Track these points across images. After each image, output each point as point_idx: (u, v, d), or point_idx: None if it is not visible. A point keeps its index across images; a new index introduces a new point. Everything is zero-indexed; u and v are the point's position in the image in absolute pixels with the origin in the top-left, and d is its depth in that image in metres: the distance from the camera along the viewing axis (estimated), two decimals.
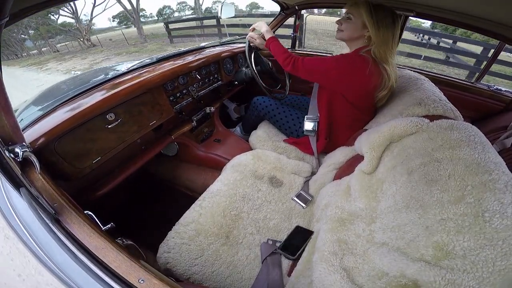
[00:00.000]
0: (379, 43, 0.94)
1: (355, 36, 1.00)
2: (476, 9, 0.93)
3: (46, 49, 17.16)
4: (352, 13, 0.97)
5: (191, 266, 0.79)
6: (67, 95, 0.93)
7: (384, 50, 0.95)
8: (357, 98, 1.05)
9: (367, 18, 0.93)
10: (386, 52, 0.95)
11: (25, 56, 17.07)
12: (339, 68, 0.98)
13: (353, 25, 0.98)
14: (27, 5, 0.62)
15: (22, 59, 14.88)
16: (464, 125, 0.68)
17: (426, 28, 10.39)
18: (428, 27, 11.78)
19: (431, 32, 8.82)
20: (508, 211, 0.47)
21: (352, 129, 1.12)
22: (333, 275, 0.61)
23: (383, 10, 0.93)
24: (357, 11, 0.95)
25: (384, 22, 0.92)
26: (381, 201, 0.70)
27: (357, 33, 0.99)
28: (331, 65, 1.00)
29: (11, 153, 0.52)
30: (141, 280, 0.42)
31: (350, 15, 0.98)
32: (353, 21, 0.97)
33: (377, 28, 0.93)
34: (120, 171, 1.07)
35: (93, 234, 0.49)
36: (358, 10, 0.95)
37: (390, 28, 0.93)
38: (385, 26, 0.93)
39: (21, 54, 17.60)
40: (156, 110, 1.09)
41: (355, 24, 0.97)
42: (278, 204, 1.02)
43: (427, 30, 9.42)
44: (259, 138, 1.37)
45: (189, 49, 1.50)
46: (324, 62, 1.02)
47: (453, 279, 0.46)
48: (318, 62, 1.03)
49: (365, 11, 0.93)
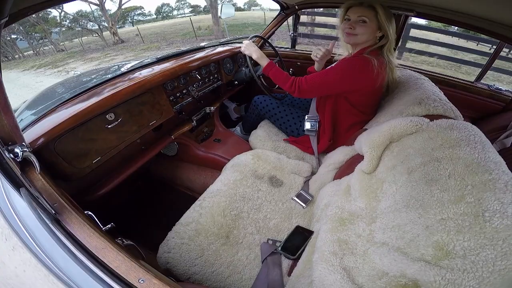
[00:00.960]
0: (391, 40, 0.98)
1: (371, 39, 0.99)
2: (476, 9, 0.93)
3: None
4: (367, 16, 0.94)
5: (191, 266, 0.79)
6: (67, 95, 0.93)
7: (391, 47, 1.00)
8: (364, 99, 1.06)
9: (385, 19, 0.94)
10: (391, 48, 1.00)
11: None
12: (345, 78, 0.99)
13: (369, 29, 0.96)
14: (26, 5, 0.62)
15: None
16: (464, 124, 0.67)
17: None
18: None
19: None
20: (508, 211, 0.47)
21: (352, 130, 1.13)
22: (333, 275, 0.61)
23: (385, 7, 0.95)
24: (372, 14, 0.94)
25: (392, 19, 0.96)
26: (381, 201, 0.70)
27: (372, 35, 0.98)
28: (337, 77, 1.00)
29: (11, 153, 0.52)
30: (141, 280, 0.42)
31: (365, 18, 0.95)
32: (369, 24, 0.95)
33: (391, 28, 0.96)
34: (120, 171, 1.07)
35: (93, 234, 0.49)
36: (373, 13, 0.94)
37: (394, 24, 0.98)
38: (393, 23, 0.97)
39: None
40: (156, 110, 1.09)
41: (371, 28, 0.96)
42: (278, 204, 1.02)
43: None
44: (259, 138, 1.37)
45: (189, 49, 1.50)
46: (328, 76, 1.02)
47: (453, 279, 0.46)
48: (322, 77, 1.03)
49: (383, 13, 0.93)
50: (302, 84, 1.05)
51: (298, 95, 1.08)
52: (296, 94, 1.07)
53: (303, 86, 1.05)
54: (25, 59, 15.02)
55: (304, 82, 1.05)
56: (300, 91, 1.06)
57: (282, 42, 6.89)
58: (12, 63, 14.13)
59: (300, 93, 1.07)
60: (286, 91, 1.12)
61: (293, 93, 1.08)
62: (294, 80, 1.07)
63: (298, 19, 1.78)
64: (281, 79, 1.11)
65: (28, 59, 14.55)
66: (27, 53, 16.80)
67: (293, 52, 1.83)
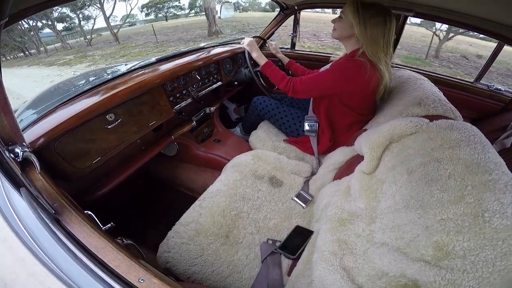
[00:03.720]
0: (367, 43, 0.94)
1: (346, 35, 1.01)
2: (476, 9, 0.93)
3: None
4: (343, 13, 0.98)
5: (191, 265, 0.79)
6: (67, 95, 0.93)
7: (375, 50, 0.94)
8: (357, 101, 1.06)
9: (352, 17, 0.93)
10: (377, 51, 0.94)
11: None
12: (337, 81, 1.00)
13: (342, 24, 0.99)
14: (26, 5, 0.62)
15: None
16: (464, 125, 0.68)
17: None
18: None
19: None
20: (508, 211, 0.47)
21: (351, 130, 1.13)
22: (333, 275, 0.61)
23: (372, 9, 0.91)
24: (345, 11, 0.96)
25: (371, 21, 0.91)
26: (381, 201, 0.70)
27: (346, 32, 0.99)
28: (328, 79, 1.01)
29: (11, 153, 0.52)
30: (141, 279, 0.42)
31: (342, 14, 0.99)
32: (343, 20, 0.98)
33: (363, 27, 0.92)
34: (120, 171, 1.07)
35: (93, 234, 0.49)
36: (346, 10, 0.96)
37: (380, 27, 0.92)
38: (373, 25, 0.91)
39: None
40: (156, 111, 1.09)
41: (345, 23, 0.98)
42: (278, 204, 1.02)
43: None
44: (259, 138, 1.37)
45: (189, 50, 1.50)
46: (321, 77, 1.04)
47: (453, 279, 0.46)
48: (316, 79, 1.04)
49: (350, 10, 0.93)
50: (296, 84, 1.06)
51: (293, 94, 1.09)
52: (290, 93, 1.09)
53: (297, 86, 1.06)
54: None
55: (299, 83, 1.06)
56: (294, 91, 1.07)
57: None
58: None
59: (294, 93, 1.08)
60: (281, 90, 1.13)
61: (287, 92, 1.10)
62: (289, 80, 1.09)
63: (298, 20, 1.78)
64: (277, 78, 1.13)
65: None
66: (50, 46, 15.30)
67: (293, 53, 1.84)
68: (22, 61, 13.25)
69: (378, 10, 0.92)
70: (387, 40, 0.94)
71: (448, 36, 7.86)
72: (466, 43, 8.75)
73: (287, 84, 1.09)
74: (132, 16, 22.49)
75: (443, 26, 7.55)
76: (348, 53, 1.04)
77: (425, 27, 9.02)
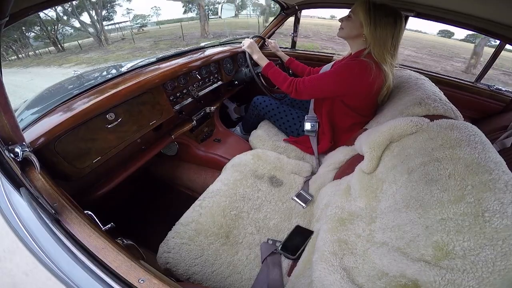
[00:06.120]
0: (375, 43, 0.94)
1: (353, 35, 1.00)
2: (476, 9, 0.93)
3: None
4: (353, 12, 0.98)
5: (191, 266, 0.79)
6: (67, 94, 0.93)
7: (382, 51, 0.94)
8: (360, 103, 1.05)
9: (363, 16, 0.93)
10: (384, 52, 0.94)
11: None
12: (341, 81, 0.99)
13: (351, 24, 0.99)
14: (26, 5, 0.62)
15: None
16: (464, 124, 0.67)
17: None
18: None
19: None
20: (508, 211, 0.47)
21: (352, 131, 1.13)
22: (333, 275, 0.61)
23: (384, 9, 0.92)
24: (356, 10, 0.96)
25: (382, 21, 0.91)
26: (381, 201, 0.70)
27: (354, 32, 0.99)
28: (332, 80, 1.00)
29: (11, 153, 0.52)
30: (141, 280, 0.42)
31: (351, 13, 0.99)
32: (352, 20, 0.98)
33: (373, 28, 0.92)
34: (120, 171, 1.07)
35: (93, 234, 0.49)
36: (356, 9, 0.96)
37: (389, 29, 0.92)
38: (383, 26, 0.92)
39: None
40: (156, 110, 1.09)
41: (354, 23, 0.98)
42: (278, 204, 1.02)
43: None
44: (259, 138, 1.37)
45: (189, 49, 1.50)
46: (325, 79, 1.02)
47: (453, 279, 0.45)
48: (319, 80, 1.03)
49: (362, 9, 0.93)
50: (299, 85, 1.06)
51: (295, 96, 1.08)
52: (293, 95, 1.08)
53: (300, 88, 1.06)
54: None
55: (302, 84, 1.05)
56: (297, 92, 1.07)
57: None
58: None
59: (297, 94, 1.07)
60: (284, 91, 1.12)
61: (290, 94, 1.09)
62: (292, 80, 1.08)
63: (298, 20, 1.78)
64: (279, 79, 1.12)
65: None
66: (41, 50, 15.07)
67: (293, 52, 1.83)
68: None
69: (389, 11, 0.92)
70: (395, 42, 0.95)
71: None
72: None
73: (290, 86, 1.08)
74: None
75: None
76: (353, 53, 1.04)
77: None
